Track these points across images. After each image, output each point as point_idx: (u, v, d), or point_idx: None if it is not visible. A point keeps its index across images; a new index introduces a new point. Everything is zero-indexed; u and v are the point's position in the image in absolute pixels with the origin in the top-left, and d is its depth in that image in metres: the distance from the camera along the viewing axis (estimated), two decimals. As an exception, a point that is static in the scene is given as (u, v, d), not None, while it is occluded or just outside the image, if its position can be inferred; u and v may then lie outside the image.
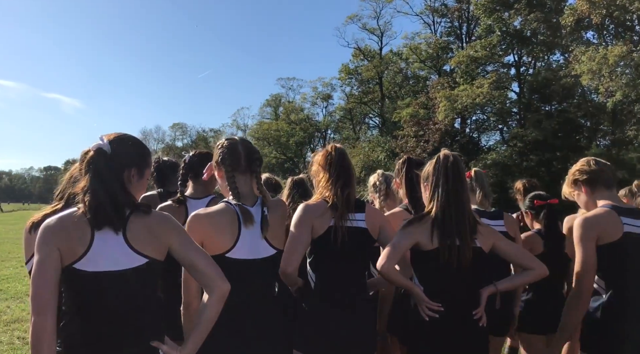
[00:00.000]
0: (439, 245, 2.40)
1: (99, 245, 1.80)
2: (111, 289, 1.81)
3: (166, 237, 1.93)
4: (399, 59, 39.20)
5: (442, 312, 2.38)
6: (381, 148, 33.91)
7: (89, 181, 1.86)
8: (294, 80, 50.72)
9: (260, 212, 2.29)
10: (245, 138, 2.48)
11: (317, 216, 2.56)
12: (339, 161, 2.66)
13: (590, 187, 2.76)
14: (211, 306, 1.92)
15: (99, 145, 1.91)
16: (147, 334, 1.89)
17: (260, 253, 2.27)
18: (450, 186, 2.46)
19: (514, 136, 28.93)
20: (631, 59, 20.90)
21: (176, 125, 60.29)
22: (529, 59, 31.67)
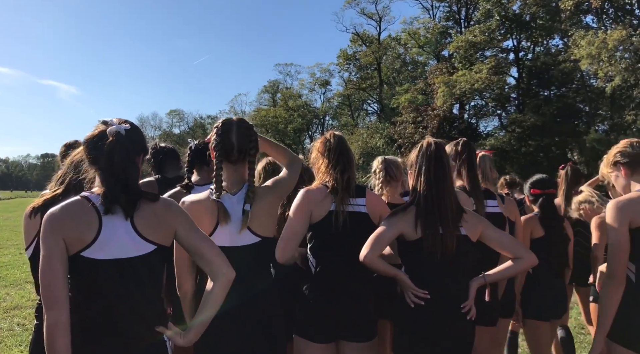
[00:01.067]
0: (422, 235, 2.39)
1: (108, 232, 1.79)
2: (120, 276, 1.80)
3: (172, 224, 1.92)
4: (397, 44, 39.02)
5: (429, 300, 2.38)
6: (379, 135, 33.87)
7: (106, 166, 1.82)
8: (291, 66, 50.42)
9: (242, 201, 2.26)
10: (242, 122, 2.39)
11: (317, 201, 2.55)
12: (337, 147, 2.66)
13: (630, 170, 2.66)
14: (216, 293, 1.92)
15: (117, 129, 1.85)
16: (153, 320, 1.90)
17: (241, 241, 2.25)
18: (432, 174, 2.46)
19: (512, 122, 28.89)
20: (630, 43, 20.80)
21: (173, 112, 60.08)
22: (528, 44, 31.53)
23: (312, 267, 2.60)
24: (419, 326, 2.42)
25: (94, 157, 1.85)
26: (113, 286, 1.80)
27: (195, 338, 1.95)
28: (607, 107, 26.35)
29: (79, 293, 1.80)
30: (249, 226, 2.25)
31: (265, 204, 2.33)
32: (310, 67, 47.73)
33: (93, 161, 1.86)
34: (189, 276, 2.26)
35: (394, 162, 3.47)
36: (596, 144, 19.13)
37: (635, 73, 20.80)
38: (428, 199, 2.44)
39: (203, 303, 1.94)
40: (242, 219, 2.24)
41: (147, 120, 60.73)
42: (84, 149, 1.89)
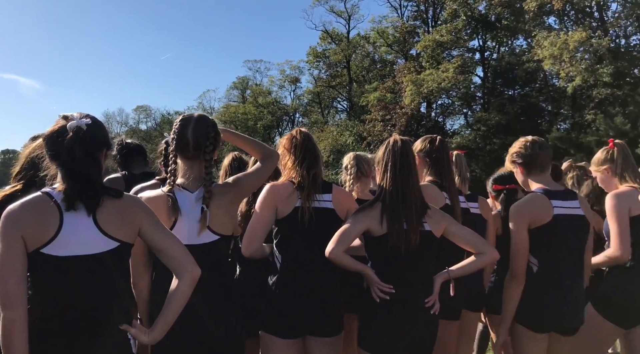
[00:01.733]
0: (387, 230, 2.45)
1: (69, 229, 1.76)
2: (81, 273, 1.77)
3: (136, 220, 1.90)
4: (366, 42, 39.13)
5: (393, 294, 2.44)
6: (349, 132, 34.00)
7: (67, 162, 1.79)
8: (261, 62, 50.01)
9: (201, 199, 2.23)
10: (203, 118, 2.33)
11: (283, 196, 2.57)
12: (304, 143, 2.68)
13: (525, 170, 2.90)
14: (181, 291, 1.90)
15: (78, 124, 1.81)
16: (116, 318, 1.87)
17: (200, 239, 2.22)
18: (398, 171, 2.51)
19: (478, 120, 29.43)
20: (590, 44, 21.46)
21: (140, 107, 58.76)
22: (493, 44, 32.13)
23: (277, 262, 2.61)
24: (383, 319, 2.47)
25: (54, 153, 1.81)
26: (74, 283, 1.77)
27: (159, 336, 1.93)
28: (568, 106, 27.10)
29: (37, 291, 1.77)
30: (208, 225, 2.22)
31: (224, 202, 2.29)
32: (280, 64, 47.43)
33: (54, 156, 1.82)
34: (144, 274, 2.24)
35: (365, 159, 3.52)
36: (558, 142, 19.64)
37: (595, 74, 21.47)
38: (393, 195, 2.50)
39: (168, 301, 1.92)
40: (200, 219, 2.21)
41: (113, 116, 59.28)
42: (44, 145, 1.85)
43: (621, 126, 17.69)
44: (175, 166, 2.28)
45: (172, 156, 2.29)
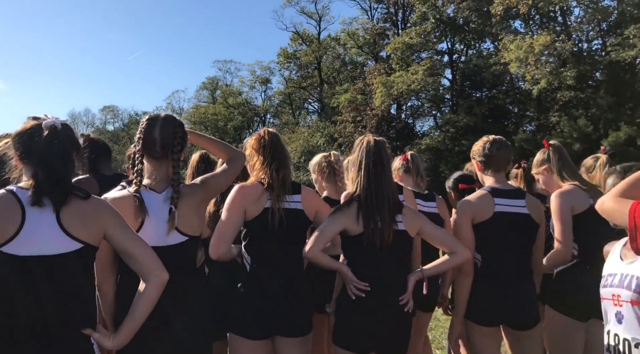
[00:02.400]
0: (363, 228, 2.48)
1: (31, 227, 1.72)
2: (42, 274, 1.73)
3: (102, 223, 1.86)
4: (337, 44, 39.33)
5: (369, 292, 2.47)
6: (320, 133, 34.07)
7: (41, 159, 1.76)
8: (231, 63, 49.68)
9: (169, 199, 2.21)
10: (170, 118, 2.31)
11: (252, 197, 2.55)
12: (272, 144, 2.67)
13: (482, 167, 3.05)
14: (148, 296, 1.87)
15: (54, 123, 1.80)
16: (79, 321, 1.83)
17: (168, 241, 2.19)
18: (372, 170, 2.54)
19: (446, 122, 29.86)
20: (554, 48, 22.02)
21: (107, 108, 57.64)
22: (462, 47, 32.66)
23: (247, 264, 2.60)
24: (358, 316, 2.51)
25: (25, 151, 1.78)
26: (35, 283, 1.72)
27: (125, 341, 1.90)
28: (534, 108, 27.74)
29: (2, 291, 1.73)
30: (177, 225, 2.20)
31: (192, 203, 2.27)
32: (251, 64, 47.37)
33: (25, 154, 1.79)
34: (109, 277, 2.20)
35: (336, 158, 3.55)
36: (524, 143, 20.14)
37: (559, 77, 22.05)
38: (367, 194, 2.53)
39: (134, 305, 1.89)
40: (168, 219, 2.18)
41: (79, 116, 57.98)
42: (13, 143, 1.81)
43: (584, 127, 18.25)
44: (141, 166, 2.25)
45: (139, 156, 2.25)
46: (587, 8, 24.36)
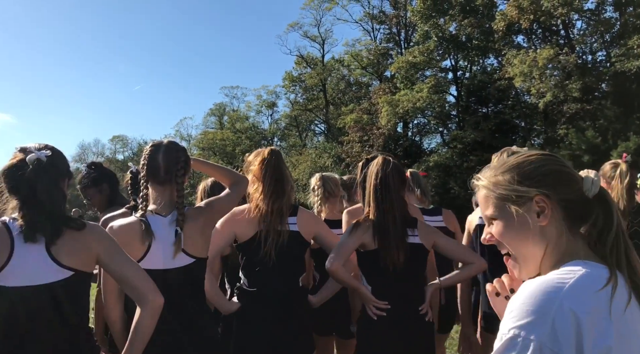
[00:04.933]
0: (378, 245, 2.50)
1: (19, 258, 1.71)
2: (33, 304, 1.72)
3: (93, 249, 1.84)
4: (341, 65, 39.64)
5: (389, 309, 2.47)
6: (328, 154, 34.15)
7: (27, 195, 1.75)
8: (237, 88, 50.12)
9: (174, 222, 2.23)
10: (172, 144, 2.36)
11: (242, 221, 2.58)
12: (274, 170, 2.69)
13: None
14: (144, 322, 1.85)
15: (37, 156, 1.78)
16: (78, 349, 1.81)
17: (175, 263, 2.20)
18: (384, 187, 2.57)
19: (453, 138, 29.84)
20: (558, 61, 22.06)
21: (116, 137, 58.29)
22: (465, 63, 32.79)
23: (244, 286, 2.61)
24: (380, 335, 2.50)
25: (14, 186, 1.78)
26: (24, 313, 1.70)
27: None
28: (541, 122, 27.68)
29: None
30: (183, 247, 2.21)
31: (198, 225, 2.29)
32: (257, 89, 47.69)
33: (13, 190, 1.79)
34: (116, 305, 2.19)
35: (332, 179, 3.55)
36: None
37: (565, 89, 22.03)
38: (380, 211, 2.54)
39: (132, 333, 1.87)
40: (174, 242, 2.19)
41: (89, 147, 58.69)
42: (3, 178, 1.81)
43: (592, 139, 18.15)
44: (146, 191, 2.28)
45: (144, 182, 2.28)
46: (589, 20, 24.46)
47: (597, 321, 0.96)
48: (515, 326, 0.96)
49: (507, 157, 1.22)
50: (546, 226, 1.12)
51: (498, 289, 1.28)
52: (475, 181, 1.26)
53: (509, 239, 1.17)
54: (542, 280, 1.03)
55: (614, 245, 1.10)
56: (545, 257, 1.14)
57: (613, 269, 1.06)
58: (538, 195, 1.12)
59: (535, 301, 0.97)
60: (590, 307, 0.97)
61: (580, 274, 1.02)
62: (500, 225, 1.17)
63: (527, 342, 0.93)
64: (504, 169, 1.19)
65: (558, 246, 1.13)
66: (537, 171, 1.14)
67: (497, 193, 1.17)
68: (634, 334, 1.01)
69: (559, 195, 1.12)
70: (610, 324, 0.97)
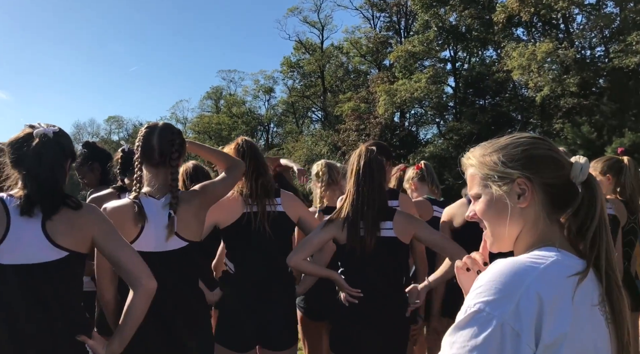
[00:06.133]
0: (347, 240, 2.50)
1: (14, 237, 1.72)
2: (28, 283, 1.73)
3: (88, 230, 1.85)
4: (340, 52, 39.47)
5: (361, 298, 2.47)
6: (324, 142, 34.12)
7: (32, 167, 1.76)
8: (235, 72, 49.74)
9: (168, 205, 2.22)
10: (168, 126, 2.35)
11: (223, 208, 2.57)
12: (250, 152, 2.70)
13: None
14: (136, 305, 1.85)
15: (44, 131, 1.81)
16: (68, 329, 1.82)
17: (168, 246, 2.20)
18: (360, 178, 2.55)
19: (450, 129, 29.87)
20: (557, 55, 22.04)
21: (111, 118, 57.94)
22: (464, 55, 32.71)
23: (230, 271, 2.62)
24: (351, 323, 2.52)
25: (16, 160, 1.79)
26: (19, 292, 1.72)
27: (118, 349, 1.87)
28: (537, 115, 27.70)
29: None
30: (176, 230, 2.21)
31: (191, 208, 2.29)
32: (254, 74, 47.34)
33: (17, 162, 1.79)
34: (110, 286, 2.19)
35: (335, 167, 3.57)
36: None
37: (562, 84, 22.04)
38: (354, 202, 2.53)
39: (124, 315, 1.88)
40: (167, 225, 2.19)
41: (84, 127, 58.26)
42: (7, 151, 1.82)
43: (588, 134, 18.20)
44: (140, 173, 2.28)
45: (138, 164, 2.28)
46: (589, 15, 24.41)
47: (558, 307, 0.98)
48: (481, 301, 0.98)
49: (498, 139, 1.23)
50: (525, 208, 1.14)
51: (469, 264, 1.30)
52: (465, 159, 1.28)
53: (488, 217, 1.19)
54: (513, 261, 1.05)
55: (596, 238, 1.10)
56: (520, 238, 1.16)
57: (589, 264, 1.08)
58: (520, 177, 1.13)
59: (504, 279, 0.99)
60: (556, 293, 0.99)
61: (552, 260, 1.05)
62: (482, 203, 1.20)
63: (490, 318, 0.96)
64: (492, 150, 1.20)
65: (534, 229, 1.14)
66: (522, 154, 1.15)
67: (483, 173, 1.20)
68: (590, 325, 1.04)
69: (542, 179, 1.13)
70: (569, 312, 0.99)
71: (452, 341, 0.99)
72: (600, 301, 1.07)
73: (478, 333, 0.96)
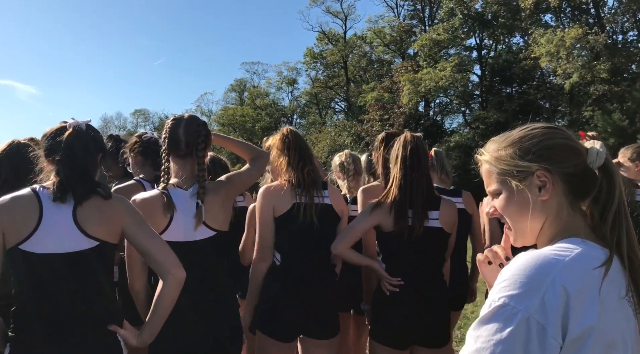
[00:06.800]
0: (395, 226, 2.49)
1: (47, 226, 1.76)
2: (60, 272, 1.77)
3: (118, 220, 1.88)
4: (363, 42, 39.23)
5: (402, 286, 2.48)
6: (347, 132, 34.04)
7: (65, 155, 1.82)
8: (258, 64, 49.97)
9: (195, 195, 2.24)
10: (193, 118, 2.38)
11: (278, 195, 2.57)
12: (296, 142, 2.68)
13: None
14: (166, 295, 1.88)
15: (77, 123, 1.89)
16: (101, 318, 1.85)
17: (196, 236, 2.22)
18: (409, 168, 2.55)
19: (476, 118, 29.49)
20: (586, 41, 21.50)
21: (138, 111, 58.83)
22: (490, 42, 32.18)
23: (277, 261, 2.59)
24: (394, 311, 2.52)
25: (49, 148, 1.86)
26: (52, 281, 1.76)
27: (149, 339, 1.91)
28: (566, 103, 27.14)
29: (22, 289, 1.77)
30: (204, 220, 2.23)
31: (218, 198, 2.31)
32: (277, 65, 47.50)
33: (51, 151, 1.86)
34: (140, 276, 2.23)
35: (357, 157, 3.58)
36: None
37: (592, 70, 21.51)
38: (402, 189, 2.53)
39: (154, 304, 1.91)
40: (195, 214, 2.22)
41: (111, 120, 59.35)
42: (41, 142, 1.91)
43: (619, 122, 17.75)
44: (168, 164, 2.31)
45: (165, 155, 2.31)
46: (621, -1, 23.70)
47: (585, 300, 0.96)
48: (506, 295, 0.97)
49: (511, 131, 1.20)
50: (547, 200, 1.11)
51: (490, 258, 1.29)
52: (479, 155, 1.25)
53: (509, 213, 1.17)
54: (538, 253, 1.02)
55: (615, 223, 1.08)
56: (543, 230, 1.14)
57: (612, 251, 1.05)
58: (539, 170, 1.10)
59: (529, 273, 0.98)
60: (582, 285, 0.97)
61: (577, 252, 1.02)
62: (503, 199, 1.17)
63: (515, 312, 0.94)
64: (506, 144, 1.17)
65: (557, 220, 1.12)
66: (538, 145, 1.12)
67: (499, 168, 1.16)
68: (618, 316, 1.02)
69: (561, 169, 1.10)
70: (596, 305, 0.97)
71: (477, 335, 0.98)
72: (627, 291, 1.04)
73: (503, 328, 0.94)
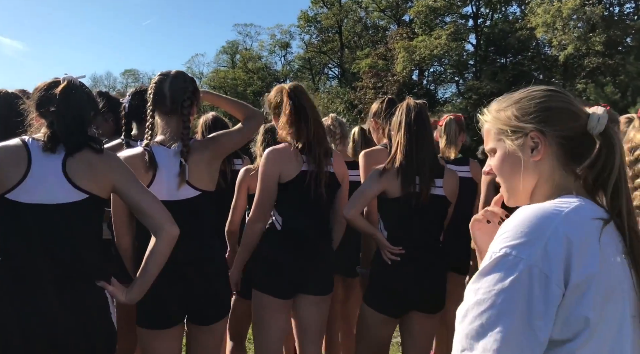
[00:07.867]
0: (402, 192, 2.50)
1: (36, 175, 1.73)
2: (47, 222, 1.74)
3: (109, 176, 1.85)
4: (358, 7, 38.49)
5: (403, 254, 2.51)
6: (340, 99, 33.79)
7: (59, 107, 1.77)
8: (251, 26, 48.81)
9: (179, 154, 2.19)
10: (181, 74, 2.29)
11: (286, 159, 2.50)
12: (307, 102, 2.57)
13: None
14: (158, 250, 1.86)
15: (71, 77, 1.83)
16: (89, 272, 1.84)
17: (180, 195, 2.19)
18: (413, 134, 2.54)
19: (469, 88, 29.33)
20: (583, 12, 21.30)
21: (128, 71, 57.67)
22: (487, 11, 31.73)
23: (277, 224, 2.58)
24: (392, 280, 2.56)
25: (43, 101, 1.80)
26: (38, 232, 1.73)
27: (138, 296, 1.89)
28: (560, 75, 27.04)
29: (8, 240, 1.75)
30: (188, 179, 2.19)
31: (204, 157, 2.26)
32: (271, 28, 46.55)
33: (44, 102, 1.80)
34: (127, 232, 2.20)
35: (342, 121, 3.56)
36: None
37: (587, 42, 21.39)
38: (407, 156, 2.52)
39: (145, 261, 1.88)
40: (179, 173, 2.17)
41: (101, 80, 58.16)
42: (33, 95, 1.84)
43: (611, 95, 17.77)
44: (152, 120, 2.25)
45: (150, 112, 2.25)
46: (620, -30, 23.38)
47: (587, 249, 0.98)
48: (507, 246, 0.97)
49: (513, 92, 1.22)
50: (539, 161, 1.13)
51: (488, 217, 1.31)
52: (481, 115, 1.27)
53: (503, 172, 1.20)
54: (538, 206, 1.04)
55: (615, 192, 1.09)
56: (536, 191, 1.16)
57: (612, 213, 1.07)
58: (533, 131, 1.12)
59: (531, 223, 0.99)
60: (583, 234, 0.99)
61: (576, 204, 1.04)
62: (497, 158, 1.20)
63: (516, 261, 0.95)
64: (506, 104, 1.19)
65: (550, 181, 1.13)
66: (536, 107, 1.14)
67: (497, 127, 1.19)
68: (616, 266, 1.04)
69: (556, 131, 1.12)
70: (597, 253, 0.99)
71: (477, 287, 0.98)
72: (624, 252, 1.06)
73: (504, 277, 0.95)
